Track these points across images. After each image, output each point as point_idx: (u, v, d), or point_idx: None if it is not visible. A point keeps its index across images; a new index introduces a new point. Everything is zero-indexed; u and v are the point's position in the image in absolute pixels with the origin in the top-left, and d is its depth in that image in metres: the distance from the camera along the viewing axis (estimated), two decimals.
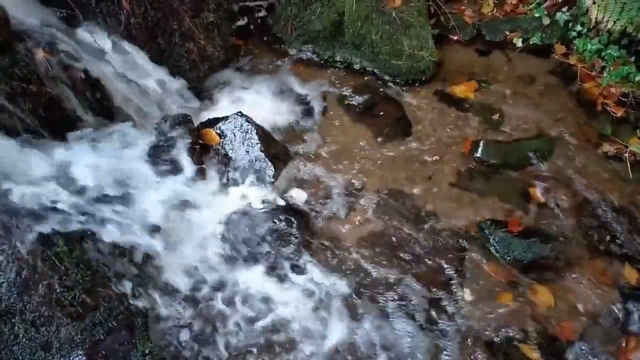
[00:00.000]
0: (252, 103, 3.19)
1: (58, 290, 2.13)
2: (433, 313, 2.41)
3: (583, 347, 2.30)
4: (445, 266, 2.56)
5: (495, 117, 3.19)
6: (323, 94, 3.32)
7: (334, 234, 2.68)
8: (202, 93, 3.26)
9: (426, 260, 2.58)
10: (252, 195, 2.70)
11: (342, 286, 2.49)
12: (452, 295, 2.47)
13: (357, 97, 3.30)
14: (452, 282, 2.51)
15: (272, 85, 3.31)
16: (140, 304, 2.29)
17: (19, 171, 2.25)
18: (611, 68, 3.21)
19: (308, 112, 3.21)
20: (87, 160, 2.40)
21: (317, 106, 3.23)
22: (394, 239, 2.66)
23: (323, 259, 2.58)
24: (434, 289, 2.48)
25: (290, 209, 2.68)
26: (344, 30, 3.39)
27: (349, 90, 3.34)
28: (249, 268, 2.52)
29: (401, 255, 2.59)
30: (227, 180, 2.74)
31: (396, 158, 3.00)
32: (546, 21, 3.50)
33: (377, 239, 2.66)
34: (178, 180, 2.58)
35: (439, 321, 2.39)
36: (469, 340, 2.34)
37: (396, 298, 2.46)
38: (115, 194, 2.39)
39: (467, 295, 2.48)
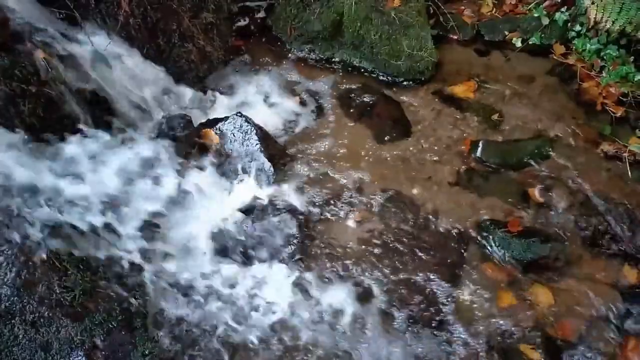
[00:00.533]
0: (252, 103, 3.20)
1: (58, 291, 2.13)
2: (432, 313, 2.41)
3: (582, 347, 2.30)
4: (445, 266, 2.56)
5: (495, 117, 3.19)
6: (322, 94, 3.33)
7: (332, 234, 2.68)
8: (202, 93, 3.25)
9: (425, 260, 2.58)
10: (251, 195, 2.70)
11: (340, 286, 2.49)
12: (452, 295, 2.47)
13: (356, 97, 3.30)
14: (452, 282, 2.51)
15: (272, 85, 3.32)
16: (140, 304, 2.29)
17: (18, 171, 2.25)
18: (610, 68, 3.22)
19: (307, 112, 3.21)
20: (87, 161, 2.41)
21: (316, 106, 3.24)
22: (393, 239, 2.66)
23: (322, 259, 2.58)
24: (433, 289, 2.48)
25: (290, 209, 2.68)
26: (343, 30, 3.39)
27: (349, 91, 3.34)
28: (248, 268, 2.52)
29: (400, 255, 2.59)
30: (227, 180, 2.74)
31: (396, 158, 3.00)
32: (545, 21, 3.51)
33: (376, 239, 2.66)
34: (177, 181, 2.58)
35: (438, 321, 2.39)
36: (468, 340, 2.34)
37: (394, 298, 2.46)
38: (113, 195, 2.40)
39: (467, 295, 2.48)
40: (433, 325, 2.39)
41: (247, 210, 2.66)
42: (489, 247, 2.62)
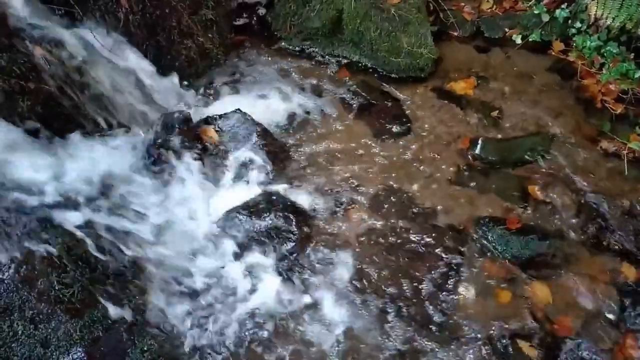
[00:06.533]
0: (251, 100, 3.19)
1: (57, 288, 2.14)
2: (431, 310, 2.42)
3: (580, 344, 2.30)
4: (443, 263, 2.56)
5: (494, 114, 3.19)
6: (322, 91, 3.32)
7: (332, 231, 2.68)
8: (201, 90, 3.26)
9: (424, 257, 2.58)
10: (251, 192, 2.71)
11: (339, 284, 2.50)
12: (450, 292, 2.48)
13: (356, 94, 3.30)
14: (450, 279, 2.52)
15: (271, 82, 3.31)
16: (139, 300, 2.29)
17: (19, 168, 2.26)
18: (610, 65, 3.20)
19: (306, 109, 3.20)
20: (86, 158, 2.41)
21: (315, 103, 3.23)
22: (392, 236, 2.66)
23: (321, 256, 2.59)
24: (431, 286, 2.49)
25: (289, 206, 2.69)
26: (343, 27, 3.39)
27: (348, 88, 3.34)
28: (247, 265, 2.52)
29: (399, 252, 2.60)
30: (226, 177, 2.74)
31: (395, 155, 3.00)
32: (545, 18, 3.50)
33: (376, 236, 2.66)
34: (176, 178, 2.59)
35: (437, 318, 2.40)
36: (466, 337, 2.35)
37: (394, 295, 2.46)
38: (112, 192, 2.40)
39: (465, 292, 2.48)
40: (431, 321, 2.39)
41: (246, 207, 2.66)
42: (487, 244, 2.62)
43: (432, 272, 2.53)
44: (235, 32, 3.54)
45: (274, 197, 2.71)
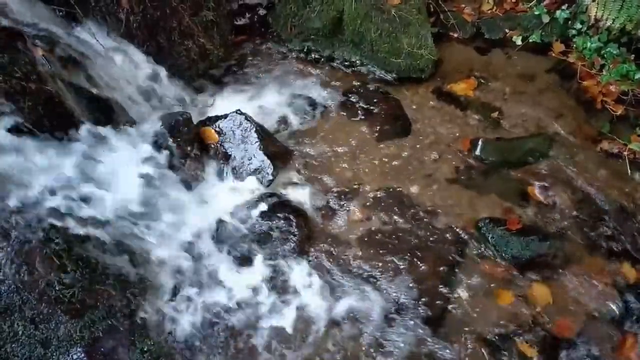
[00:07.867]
0: (251, 101, 3.20)
1: (57, 288, 2.14)
2: (431, 310, 2.41)
3: (581, 345, 2.30)
4: (444, 264, 2.56)
5: (495, 115, 3.19)
6: (322, 92, 3.32)
7: (332, 232, 2.68)
8: (202, 91, 3.26)
9: (424, 258, 2.58)
10: (251, 193, 2.71)
11: (339, 284, 2.50)
12: (450, 293, 2.48)
13: (356, 95, 3.31)
14: (450, 280, 2.52)
15: (271, 83, 3.32)
16: (139, 301, 2.29)
17: (19, 168, 2.26)
18: (611, 66, 3.21)
19: (307, 110, 3.21)
20: (85, 158, 2.41)
21: (316, 104, 3.24)
22: (392, 236, 2.66)
23: (321, 257, 2.59)
24: (432, 287, 2.49)
25: (290, 207, 2.69)
26: (344, 28, 3.40)
27: (349, 89, 3.34)
28: (247, 267, 2.52)
29: (399, 253, 2.60)
30: (226, 178, 2.74)
31: (395, 156, 3.00)
32: (546, 19, 3.51)
33: (376, 237, 2.66)
34: (176, 179, 2.59)
35: (437, 319, 2.40)
36: (466, 338, 2.35)
37: (394, 296, 2.46)
38: (112, 192, 2.40)
39: (465, 293, 2.48)
40: (431, 322, 2.39)
41: (247, 208, 2.66)
42: (487, 245, 2.62)
43: (433, 272, 2.53)
44: (236, 33, 3.55)
45: (274, 198, 2.72)
